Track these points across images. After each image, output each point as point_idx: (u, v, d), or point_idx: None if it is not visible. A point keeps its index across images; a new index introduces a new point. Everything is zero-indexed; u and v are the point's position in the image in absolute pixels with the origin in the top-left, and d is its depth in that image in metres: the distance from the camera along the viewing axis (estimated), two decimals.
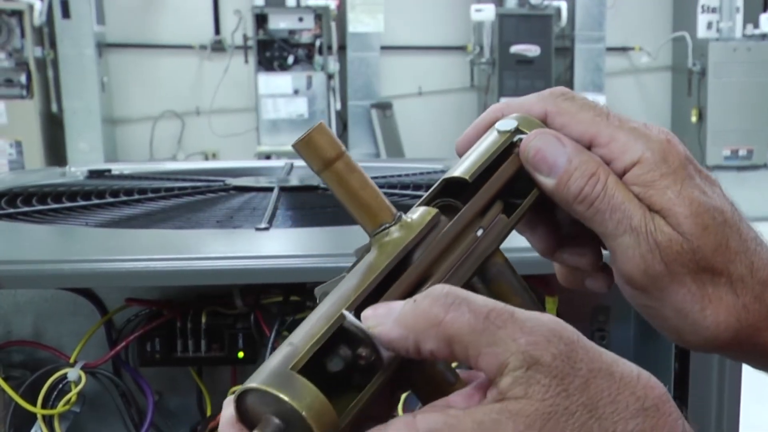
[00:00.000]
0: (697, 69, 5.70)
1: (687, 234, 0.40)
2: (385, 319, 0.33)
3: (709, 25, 5.72)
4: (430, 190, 0.41)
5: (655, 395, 0.32)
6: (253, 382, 0.33)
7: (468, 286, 0.39)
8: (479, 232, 0.38)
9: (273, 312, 0.80)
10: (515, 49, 5.64)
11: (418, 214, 0.39)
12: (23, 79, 5.31)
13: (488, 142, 0.42)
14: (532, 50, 5.64)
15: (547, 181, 0.40)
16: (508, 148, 0.42)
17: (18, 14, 5.26)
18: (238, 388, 0.34)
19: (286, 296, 0.80)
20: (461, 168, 0.41)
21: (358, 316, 0.35)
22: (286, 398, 0.32)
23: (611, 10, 6.04)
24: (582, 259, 0.45)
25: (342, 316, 0.35)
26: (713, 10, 5.72)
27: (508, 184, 0.41)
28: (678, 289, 0.40)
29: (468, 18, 5.69)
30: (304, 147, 0.37)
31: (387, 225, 0.38)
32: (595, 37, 5.93)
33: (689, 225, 0.40)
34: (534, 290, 0.41)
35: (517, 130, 0.42)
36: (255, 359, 0.81)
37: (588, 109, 0.42)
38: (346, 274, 0.38)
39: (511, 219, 0.41)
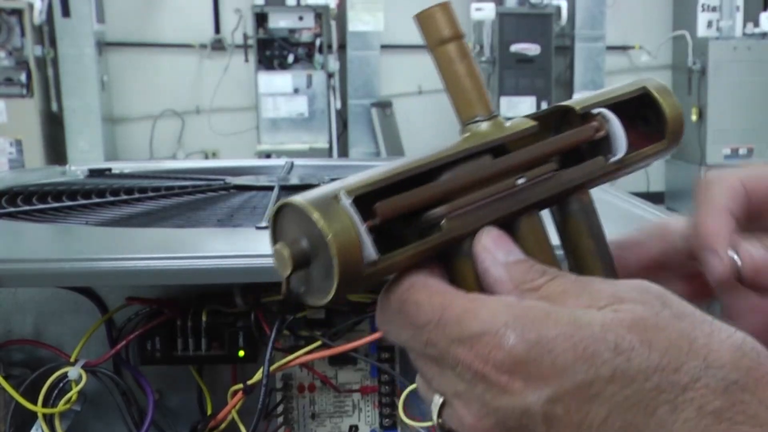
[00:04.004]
0: (697, 68, 5.69)
1: None
2: None
3: (709, 24, 5.71)
4: (537, 112, 0.40)
5: (756, 345, 0.30)
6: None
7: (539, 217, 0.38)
8: (520, 180, 0.37)
9: (273, 311, 0.80)
10: (515, 47, 5.64)
11: (515, 120, 0.38)
12: (23, 77, 5.31)
13: (618, 86, 0.42)
14: (532, 49, 5.64)
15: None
16: (587, 117, 0.40)
17: (18, 13, 5.26)
18: (279, 202, 0.33)
19: None
20: (577, 99, 0.41)
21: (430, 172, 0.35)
22: (316, 218, 0.31)
23: (611, 8, 6.04)
24: None
25: (403, 172, 0.34)
26: (713, 9, 5.72)
27: (571, 148, 0.39)
28: None
29: (468, 17, 5.69)
30: (423, 19, 0.37)
31: (480, 118, 0.38)
32: (595, 36, 5.93)
33: None
34: None
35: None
36: (255, 358, 0.82)
37: None
38: None
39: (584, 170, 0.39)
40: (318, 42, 5.57)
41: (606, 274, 0.39)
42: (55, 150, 5.56)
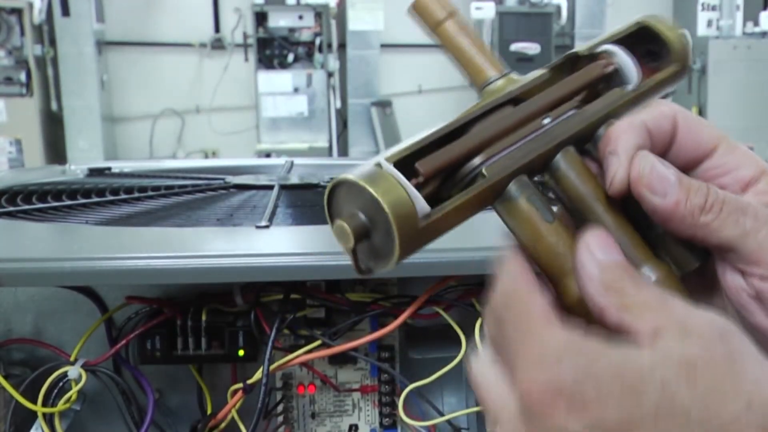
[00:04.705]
0: (697, 67, 5.69)
1: None
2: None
3: (709, 23, 5.72)
4: (550, 63, 0.42)
5: None
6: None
7: (580, 146, 0.38)
8: (546, 120, 0.38)
9: (273, 310, 0.80)
10: (515, 47, 5.64)
11: (527, 75, 0.40)
12: (23, 77, 5.31)
13: (620, 26, 0.43)
14: (532, 48, 5.64)
15: (661, 202, 0.36)
16: (595, 57, 0.41)
17: (17, 12, 5.26)
18: (330, 183, 0.34)
19: (287, 294, 0.80)
20: (583, 45, 0.42)
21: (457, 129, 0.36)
22: (364, 184, 0.33)
23: (611, 7, 6.04)
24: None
25: (438, 131, 0.36)
26: (713, 8, 5.72)
27: (586, 86, 0.40)
28: None
29: (468, 16, 5.69)
30: (417, 8, 0.40)
31: (493, 78, 0.39)
32: (595, 35, 5.87)
33: None
34: None
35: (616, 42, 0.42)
36: (255, 357, 0.81)
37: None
38: None
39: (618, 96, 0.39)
40: (318, 41, 5.57)
41: None
42: (55, 149, 5.56)
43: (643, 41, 0.43)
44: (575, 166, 0.38)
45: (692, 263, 0.39)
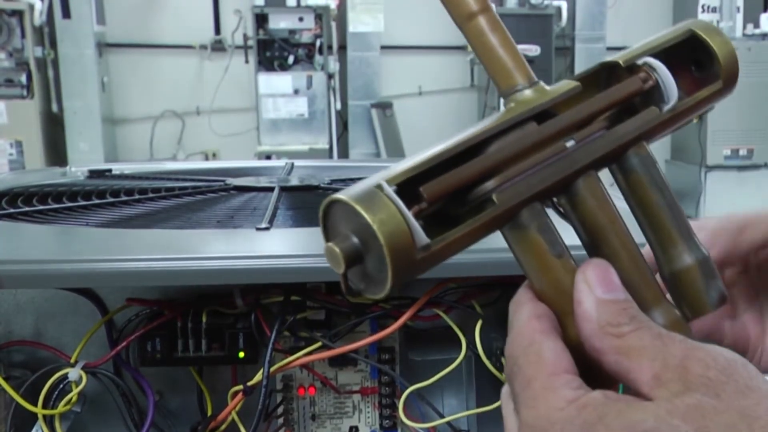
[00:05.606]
0: None
1: None
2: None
3: None
4: (582, 72, 0.39)
5: None
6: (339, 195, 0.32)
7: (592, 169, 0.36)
8: (570, 143, 0.36)
9: (273, 312, 0.80)
10: None
11: (558, 84, 0.38)
12: (23, 79, 5.31)
13: (664, 32, 0.40)
14: (532, 50, 5.64)
15: None
16: (633, 69, 0.39)
17: (18, 14, 5.26)
18: (325, 200, 0.32)
19: (287, 296, 0.80)
20: (621, 53, 0.39)
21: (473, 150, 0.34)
22: (360, 209, 0.31)
23: (611, 9, 6.04)
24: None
25: (449, 149, 0.34)
26: (713, 10, 5.72)
27: (620, 103, 0.38)
28: None
29: None
30: None
31: (521, 86, 0.37)
32: (595, 37, 5.92)
33: None
34: None
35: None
36: (256, 359, 0.82)
37: None
38: None
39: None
40: (318, 43, 5.57)
41: (675, 224, 0.37)
42: (56, 151, 5.56)
43: (689, 49, 0.40)
44: (595, 194, 0.36)
45: (707, 308, 0.37)
